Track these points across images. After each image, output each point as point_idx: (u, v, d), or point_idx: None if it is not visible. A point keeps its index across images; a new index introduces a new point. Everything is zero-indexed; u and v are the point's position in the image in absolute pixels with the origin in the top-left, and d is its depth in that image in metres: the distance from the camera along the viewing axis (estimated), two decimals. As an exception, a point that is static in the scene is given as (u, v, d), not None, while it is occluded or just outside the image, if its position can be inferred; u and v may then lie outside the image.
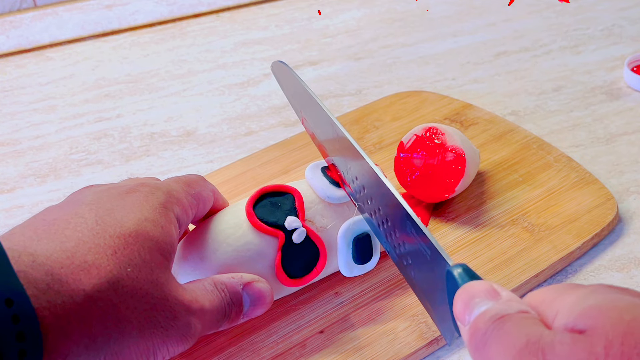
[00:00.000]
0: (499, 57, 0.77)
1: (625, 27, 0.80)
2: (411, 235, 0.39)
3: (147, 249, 0.37)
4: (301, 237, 0.46)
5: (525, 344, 0.28)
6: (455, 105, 0.67)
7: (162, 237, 0.39)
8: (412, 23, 0.85)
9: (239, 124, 0.70)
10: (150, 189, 0.41)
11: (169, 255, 0.39)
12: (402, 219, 0.40)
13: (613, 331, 0.27)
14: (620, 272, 0.50)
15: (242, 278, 0.43)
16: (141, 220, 0.38)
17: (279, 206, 0.47)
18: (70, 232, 0.36)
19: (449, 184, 0.53)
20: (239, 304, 0.43)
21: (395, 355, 0.45)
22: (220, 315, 0.41)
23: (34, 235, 0.35)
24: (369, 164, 0.43)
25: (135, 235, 0.37)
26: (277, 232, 0.46)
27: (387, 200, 0.41)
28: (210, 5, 0.89)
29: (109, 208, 0.38)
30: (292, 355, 0.45)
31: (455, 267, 0.34)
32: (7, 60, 0.83)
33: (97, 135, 0.69)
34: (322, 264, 0.47)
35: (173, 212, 0.41)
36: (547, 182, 0.57)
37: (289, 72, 0.50)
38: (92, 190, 0.40)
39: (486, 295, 0.31)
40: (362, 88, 0.73)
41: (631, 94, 0.69)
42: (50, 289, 0.33)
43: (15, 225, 0.58)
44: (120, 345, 0.35)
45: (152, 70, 0.79)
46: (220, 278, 0.43)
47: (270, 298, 0.44)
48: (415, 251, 0.39)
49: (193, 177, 0.46)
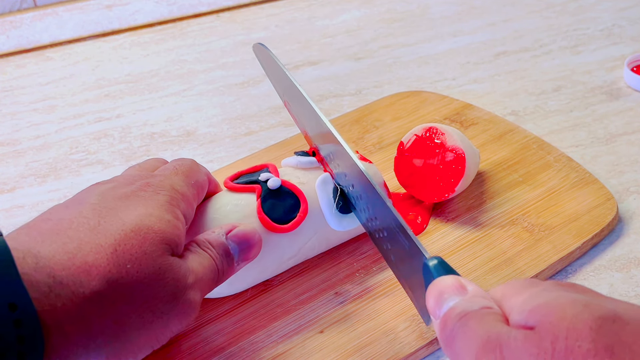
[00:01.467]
0: (499, 57, 0.77)
1: (625, 27, 0.80)
2: (394, 230, 0.40)
3: (149, 240, 0.37)
4: (276, 183, 0.48)
5: (485, 340, 0.30)
6: (455, 106, 0.67)
7: (167, 229, 0.39)
8: (412, 23, 0.85)
9: (239, 124, 0.70)
10: (155, 189, 0.41)
11: (175, 244, 0.39)
12: (386, 217, 0.41)
13: (558, 326, 0.28)
14: (620, 272, 0.50)
15: (222, 228, 0.44)
16: (145, 216, 0.38)
17: (254, 176, 0.49)
18: (72, 232, 0.36)
19: (448, 184, 0.53)
20: (228, 254, 0.43)
21: (395, 355, 0.45)
22: (214, 274, 0.41)
23: (39, 235, 0.36)
24: (353, 159, 0.44)
25: (137, 230, 0.37)
26: (253, 187, 0.48)
27: (370, 193, 0.43)
28: (210, 5, 0.89)
29: (112, 207, 0.38)
30: (292, 355, 0.45)
31: (431, 259, 0.36)
32: (7, 60, 0.83)
33: (97, 135, 0.69)
34: (305, 209, 0.48)
35: (179, 208, 0.41)
36: (547, 182, 0.57)
37: (270, 55, 0.51)
38: (98, 190, 0.40)
39: (454, 291, 0.33)
40: (362, 88, 0.73)
41: (631, 94, 0.69)
42: (52, 291, 0.33)
43: (15, 224, 0.58)
44: (122, 341, 0.36)
45: (152, 70, 0.79)
46: (201, 237, 0.43)
47: (257, 238, 0.44)
48: (394, 240, 0.40)
49: (188, 164, 0.46)
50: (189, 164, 0.47)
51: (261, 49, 0.52)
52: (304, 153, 0.52)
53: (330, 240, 0.51)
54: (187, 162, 0.47)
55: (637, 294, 0.48)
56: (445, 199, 0.53)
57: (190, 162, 0.47)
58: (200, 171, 0.47)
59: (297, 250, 0.49)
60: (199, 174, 0.47)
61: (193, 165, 0.47)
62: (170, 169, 0.45)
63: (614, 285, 0.49)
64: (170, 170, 0.45)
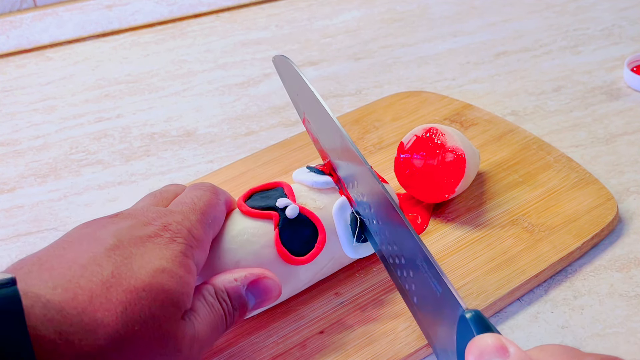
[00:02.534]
0: (499, 57, 0.77)
1: (625, 27, 0.80)
2: (423, 272, 0.40)
3: (159, 302, 0.36)
4: (294, 212, 0.46)
5: None
6: (455, 106, 0.67)
7: (177, 288, 0.38)
8: (412, 23, 0.85)
9: (239, 124, 0.70)
10: (172, 235, 0.40)
11: (183, 305, 0.38)
12: (416, 259, 0.40)
13: None
14: (620, 272, 0.50)
15: (246, 278, 0.42)
16: (158, 272, 0.37)
17: (269, 197, 0.47)
18: (85, 281, 0.35)
19: (449, 184, 0.53)
20: (243, 306, 0.42)
21: (395, 355, 0.45)
22: (222, 328, 0.41)
23: (50, 279, 0.35)
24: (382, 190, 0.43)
25: (149, 289, 0.36)
26: (270, 214, 0.46)
27: (398, 231, 0.42)
28: (210, 5, 0.89)
29: (127, 256, 0.37)
30: (292, 355, 0.45)
31: (469, 312, 0.36)
32: (7, 60, 0.83)
33: (97, 135, 0.69)
34: (322, 239, 0.46)
35: (193, 258, 0.40)
36: (547, 183, 0.57)
37: (292, 68, 0.49)
38: (115, 228, 0.39)
39: (495, 353, 0.33)
40: (362, 88, 0.73)
41: (631, 94, 0.69)
42: (57, 349, 0.32)
43: (15, 224, 0.58)
44: None
45: (152, 70, 0.79)
46: (222, 283, 0.42)
47: (277, 291, 0.43)
48: (423, 283, 0.40)
49: (207, 197, 0.44)
50: (208, 197, 0.45)
51: (283, 61, 0.50)
52: (319, 171, 0.49)
53: (344, 263, 0.50)
54: (206, 195, 0.45)
55: (637, 294, 0.49)
56: (446, 199, 0.53)
57: (209, 195, 0.45)
58: (218, 204, 0.45)
59: (312, 277, 0.48)
60: (217, 208, 0.45)
61: (212, 198, 0.45)
62: (188, 204, 0.43)
63: (614, 286, 0.49)
64: (188, 207, 0.43)
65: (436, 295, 0.38)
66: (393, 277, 0.45)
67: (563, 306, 0.48)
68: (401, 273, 0.43)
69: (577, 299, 0.49)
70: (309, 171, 0.50)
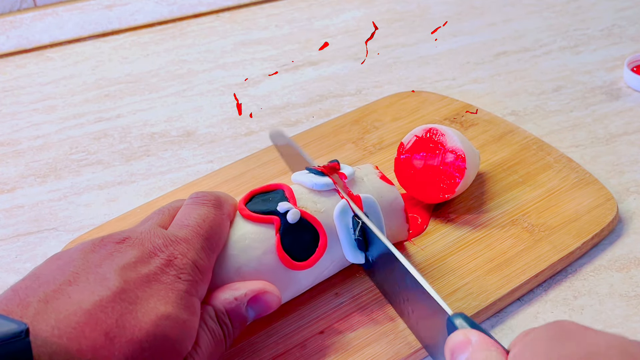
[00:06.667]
0: (499, 57, 0.77)
1: (625, 27, 0.80)
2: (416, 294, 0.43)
3: (161, 352, 0.37)
4: (296, 216, 0.45)
5: None
6: (455, 106, 0.67)
7: (180, 335, 0.38)
8: (412, 23, 0.85)
9: (239, 124, 0.70)
10: (177, 272, 0.40)
11: (185, 350, 0.39)
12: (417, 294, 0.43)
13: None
14: (620, 272, 0.50)
15: (246, 296, 0.42)
16: (162, 319, 0.37)
17: (269, 200, 0.47)
18: (89, 331, 0.35)
19: (449, 185, 0.53)
20: (243, 323, 0.42)
21: (395, 355, 0.45)
22: (222, 348, 0.41)
23: (56, 326, 0.35)
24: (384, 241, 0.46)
25: (152, 339, 0.37)
26: (271, 218, 0.46)
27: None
28: (210, 5, 0.89)
29: (132, 301, 0.37)
30: (292, 355, 0.45)
31: (454, 316, 0.39)
32: (7, 60, 0.83)
33: (97, 135, 0.69)
34: (323, 244, 0.46)
35: (197, 294, 0.40)
36: (547, 183, 0.57)
37: (288, 142, 0.52)
38: (120, 264, 0.39)
39: (461, 348, 0.36)
40: (362, 88, 0.73)
41: (631, 94, 0.69)
42: None
43: (15, 224, 0.58)
44: None
45: (152, 70, 0.79)
46: (222, 304, 0.42)
47: (276, 303, 0.44)
48: (415, 297, 0.44)
49: (212, 216, 0.44)
50: (212, 216, 0.44)
51: (279, 135, 0.53)
52: (318, 172, 0.49)
53: (344, 265, 0.49)
54: (211, 215, 0.44)
55: (637, 294, 0.49)
56: (446, 199, 0.53)
57: (214, 213, 0.44)
58: (222, 222, 0.44)
59: (313, 280, 0.48)
60: (221, 227, 0.44)
61: (216, 217, 0.44)
62: (192, 228, 0.42)
63: (614, 285, 0.49)
64: (192, 231, 0.42)
65: (427, 309, 0.42)
66: (390, 300, 0.48)
67: (563, 306, 0.48)
68: (402, 300, 0.46)
69: (577, 299, 0.49)
70: (308, 172, 0.50)
